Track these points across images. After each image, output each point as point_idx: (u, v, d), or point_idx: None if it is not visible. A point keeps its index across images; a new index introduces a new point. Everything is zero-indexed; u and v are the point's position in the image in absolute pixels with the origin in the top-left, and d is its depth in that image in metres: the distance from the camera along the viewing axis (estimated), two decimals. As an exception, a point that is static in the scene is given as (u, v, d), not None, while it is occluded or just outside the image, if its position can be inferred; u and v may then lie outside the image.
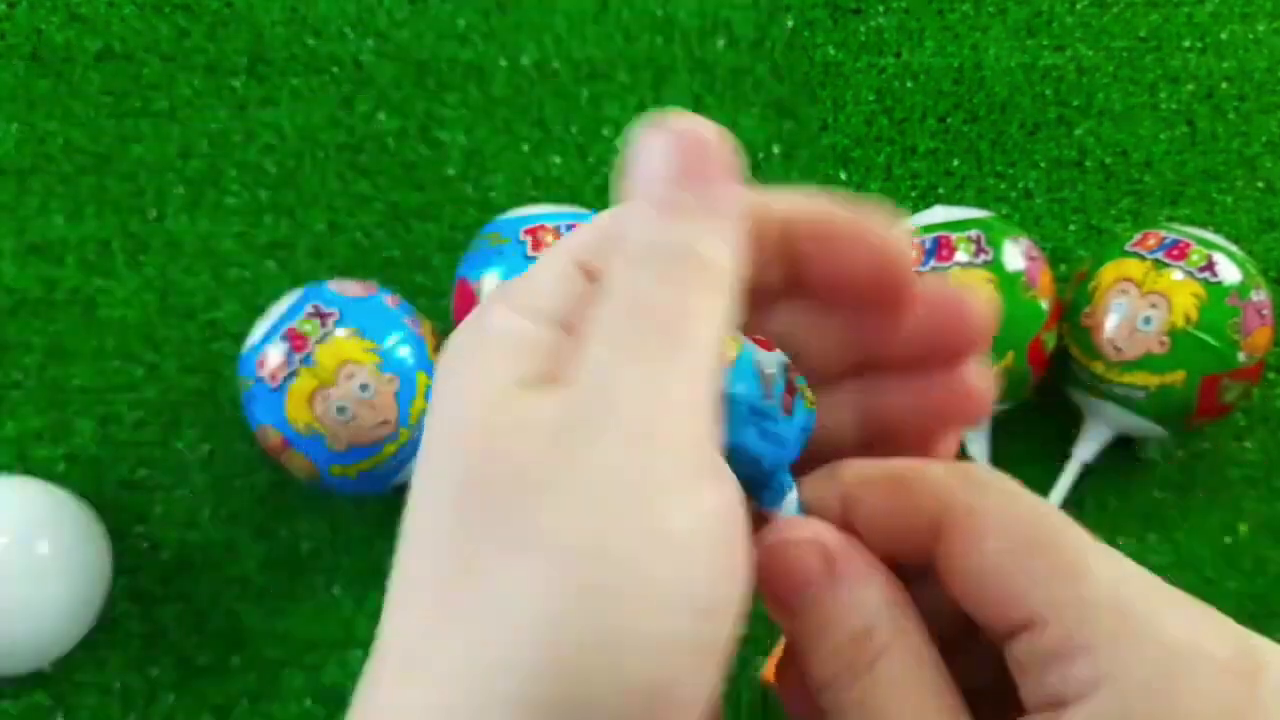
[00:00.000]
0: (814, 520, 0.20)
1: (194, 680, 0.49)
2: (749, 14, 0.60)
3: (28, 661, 0.47)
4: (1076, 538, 0.18)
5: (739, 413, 0.19)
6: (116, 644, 0.49)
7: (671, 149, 0.18)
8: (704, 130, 0.18)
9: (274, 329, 0.46)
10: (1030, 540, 0.17)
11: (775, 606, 0.20)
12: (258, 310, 0.54)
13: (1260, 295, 0.47)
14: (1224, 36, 0.60)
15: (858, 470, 0.20)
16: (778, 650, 0.47)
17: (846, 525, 0.20)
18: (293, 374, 0.44)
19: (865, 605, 0.19)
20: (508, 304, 0.18)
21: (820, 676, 0.19)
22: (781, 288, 0.21)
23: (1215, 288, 0.46)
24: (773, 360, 0.20)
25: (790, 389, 0.20)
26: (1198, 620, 0.17)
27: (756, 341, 0.20)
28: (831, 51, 0.60)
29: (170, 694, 0.49)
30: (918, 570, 0.19)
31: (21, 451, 0.52)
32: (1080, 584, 0.17)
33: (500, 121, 0.58)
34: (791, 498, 0.20)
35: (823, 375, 0.21)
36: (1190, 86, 0.59)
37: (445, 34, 0.59)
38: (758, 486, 0.20)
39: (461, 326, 0.18)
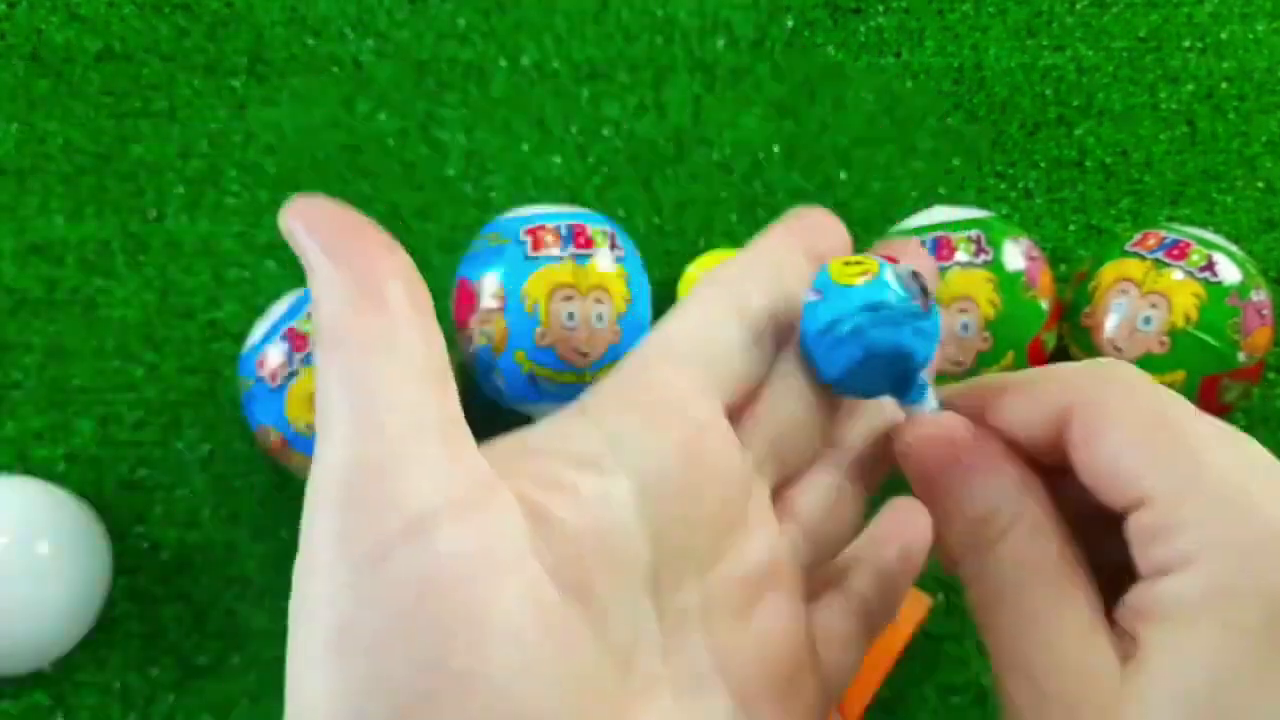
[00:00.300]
0: (948, 415, 0.22)
1: (194, 680, 0.49)
2: (749, 14, 0.60)
3: (27, 661, 0.47)
4: (1193, 426, 0.19)
5: (894, 316, 0.21)
6: (116, 644, 0.49)
7: None
8: None
9: (274, 329, 0.46)
10: (1147, 429, 0.19)
11: (919, 491, 0.22)
12: (258, 310, 0.54)
13: (1260, 295, 0.47)
14: (1224, 36, 0.60)
15: (995, 378, 0.22)
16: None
17: (982, 423, 0.22)
18: (293, 374, 0.44)
19: (988, 491, 0.21)
20: None
21: (952, 553, 0.21)
22: None
23: (1215, 288, 0.46)
24: (906, 269, 0.21)
25: (924, 291, 0.21)
26: None
27: (886, 258, 0.22)
28: (832, 51, 0.60)
29: (170, 694, 0.49)
30: (1059, 462, 0.21)
31: (21, 451, 0.52)
32: (1189, 467, 0.18)
33: (500, 121, 0.58)
34: (931, 395, 0.22)
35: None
36: (1190, 86, 0.59)
37: (445, 34, 0.60)
38: (905, 384, 0.22)
39: None
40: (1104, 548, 0.20)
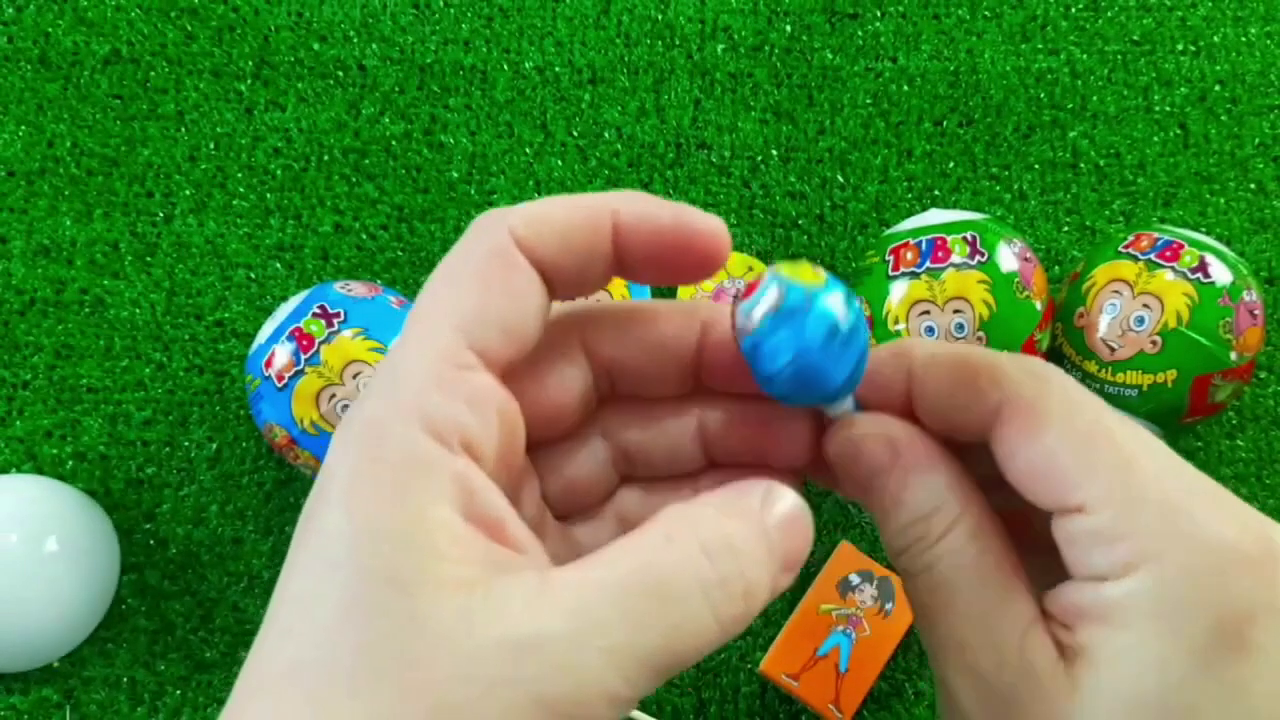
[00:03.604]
0: (882, 415, 0.22)
1: (201, 674, 0.50)
2: (748, 19, 0.61)
3: (37, 657, 0.48)
4: (1126, 435, 0.19)
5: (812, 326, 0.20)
6: (124, 639, 0.50)
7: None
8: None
9: (281, 329, 0.46)
10: (1084, 435, 0.19)
11: (850, 490, 0.22)
12: (265, 311, 0.55)
13: (1251, 296, 0.47)
14: (1216, 40, 0.61)
15: (927, 349, 0.22)
16: (776, 644, 0.47)
17: (908, 405, 0.22)
18: (299, 373, 0.45)
19: (929, 491, 0.21)
20: None
21: (894, 547, 0.21)
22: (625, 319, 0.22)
23: (1207, 288, 0.46)
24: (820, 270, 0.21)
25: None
26: (1233, 516, 0.19)
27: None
28: (829, 56, 0.60)
29: (178, 688, 0.49)
30: (969, 445, 0.21)
31: (31, 450, 0.52)
32: (1129, 477, 0.19)
33: (503, 125, 0.59)
34: (850, 397, 0.22)
35: (663, 397, 0.23)
36: (1183, 89, 0.60)
37: (449, 39, 0.60)
38: (837, 396, 0.21)
39: None
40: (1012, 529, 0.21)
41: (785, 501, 0.19)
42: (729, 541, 0.18)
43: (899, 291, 0.47)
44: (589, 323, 0.22)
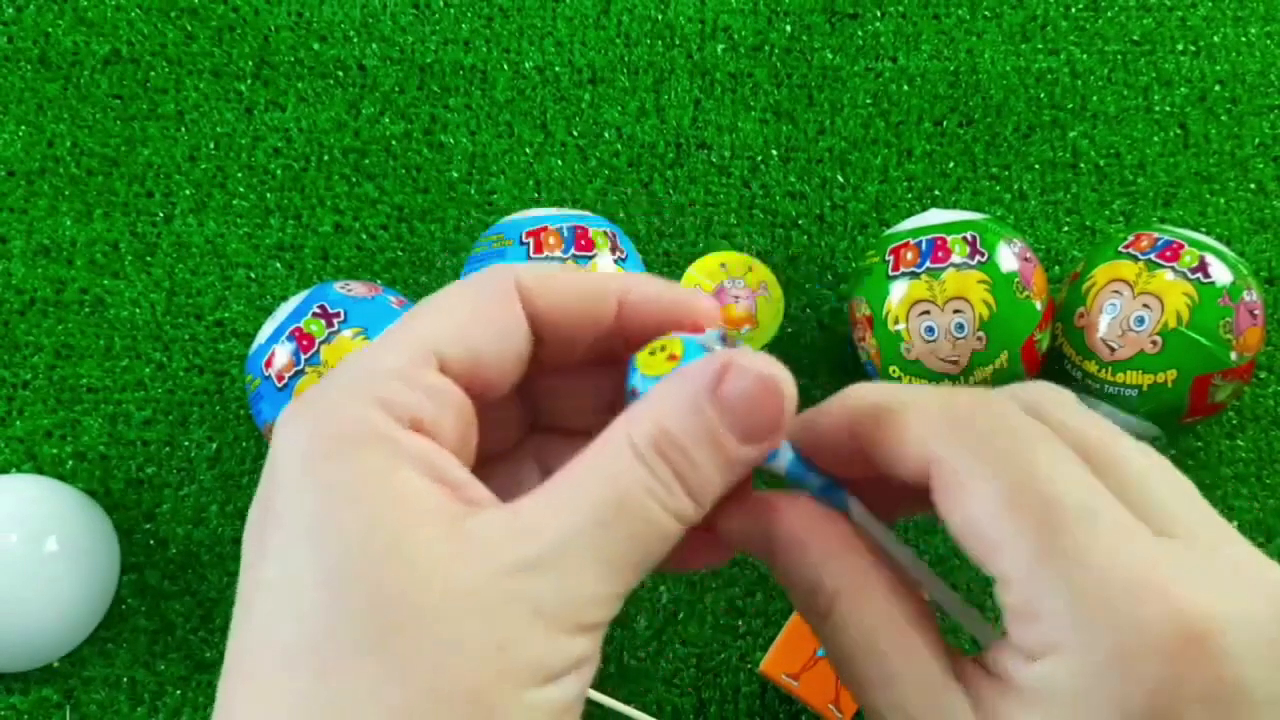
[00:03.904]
0: (756, 496, 0.21)
1: (201, 674, 0.50)
2: (748, 19, 0.61)
3: (37, 657, 0.48)
4: (1059, 492, 0.18)
5: None
6: (124, 639, 0.50)
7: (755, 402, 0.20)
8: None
9: (281, 329, 0.46)
10: (1007, 500, 0.18)
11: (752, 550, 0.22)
12: (265, 311, 0.55)
13: (1252, 296, 0.47)
14: (1216, 40, 0.61)
15: (859, 398, 0.21)
16: (776, 644, 0.47)
17: (854, 449, 0.21)
18: (299, 373, 0.45)
19: (808, 566, 0.20)
20: None
21: (804, 619, 0.22)
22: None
23: (1207, 288, 0.46)
24: (711, 337, 0.21)
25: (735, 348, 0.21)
26: (1160, 595, 0.17)
27: (687, 331, 0.21)
28: (829, 56, 0.60)
29: (178, 689, 0.49)
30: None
31: (31, 450, 0.52)
32: (1049, 552, 0.18)
33: (503, 125, 0.59)
34: (785, 449, 0.21)
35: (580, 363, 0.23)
36: (1183, 89, 0.60)
37: (449, 39, 0.60)
38: None
39: None
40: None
41: (740, 381, 0.19)
42: (668, 439, 0.19)
43: (899, 291, 0.47)
44: (524, 279, 0.22)
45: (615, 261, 0.48)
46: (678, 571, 0.45)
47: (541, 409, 0.25)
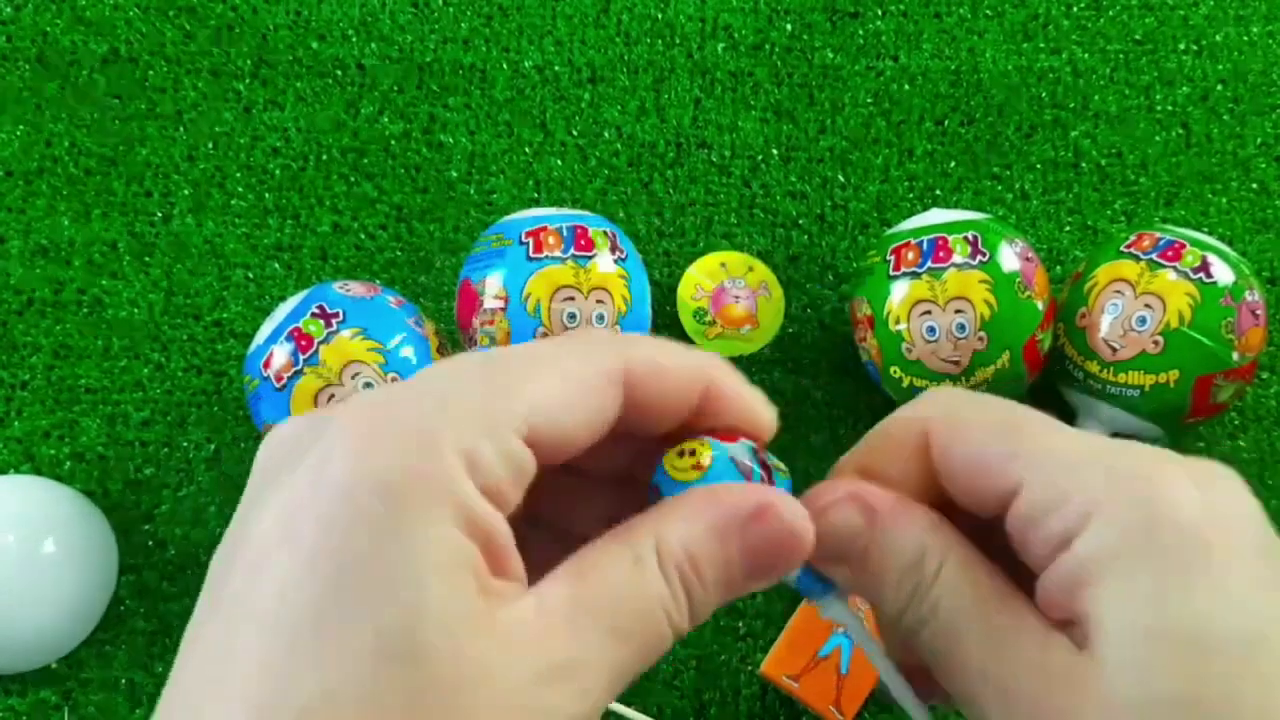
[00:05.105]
0: (843, 479, 0.23)
1: (200, 676, 0.49)
2: (748, 18, 0.61)
3: (35, 659, 0.47)
4: (1038, 420, 0.21)
5: None
6: (123, 641, 0.50)
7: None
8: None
9: (279, 329, 0.46)
10: (1000, 424, 0.21)
11: (830, 564, 0.23)
12: (263, 311, 0.54)
13: (1254, 296, 0.47)
14: (1219, 39, 0.61)
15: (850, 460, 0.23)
16: (777, 646, 0.47)
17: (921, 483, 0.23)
18: (298, 374, 0.45)
19: (913, 533, 0.21)
20: None
21: (893, 607, 0.22)
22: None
23: (1209, 288, 0.46)
24: (742, 449, 0.21)
25: (765, 467, 0.22)
26: (1153, 462, 0.20)
27: (720, 437, 0.22)
28: (830, 55, 0.60)
29: (176, 690, 0.49)
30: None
31: (29, 450, 0.52)
32: (1048, 447, 0.20)
33: (502, 124, 0.59)
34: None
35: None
36: (1185, 89, 0.60)
37: (448, 38, 0.60)
38: None
39: None
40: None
41: (774, 525, 0.20)
42: (692, 562, 0.20)
43: (900, 291, 0.47)
44: (637, 369, 0.22)
45: (615, 261, 0.48)
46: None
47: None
